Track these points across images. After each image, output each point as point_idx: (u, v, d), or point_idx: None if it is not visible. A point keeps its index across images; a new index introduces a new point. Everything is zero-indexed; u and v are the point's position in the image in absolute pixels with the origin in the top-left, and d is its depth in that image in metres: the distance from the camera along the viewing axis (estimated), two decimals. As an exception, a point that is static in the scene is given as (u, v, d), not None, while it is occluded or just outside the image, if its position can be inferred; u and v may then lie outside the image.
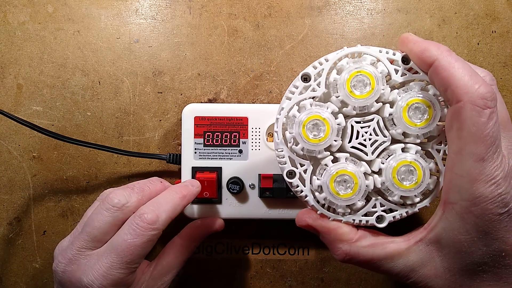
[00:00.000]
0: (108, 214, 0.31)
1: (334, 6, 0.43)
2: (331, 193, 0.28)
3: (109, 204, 0.31)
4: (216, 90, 0.43)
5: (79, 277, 0.30)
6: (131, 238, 0.30)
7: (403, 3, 0.43)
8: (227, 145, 0.40)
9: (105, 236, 0.31)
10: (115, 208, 0.31)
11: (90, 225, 0.31)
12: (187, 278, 0.44)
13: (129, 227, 0.30)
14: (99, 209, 0.32)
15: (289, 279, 0.44)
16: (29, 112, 0.43)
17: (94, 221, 0.31)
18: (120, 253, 0.29)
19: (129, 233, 0.30)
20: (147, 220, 0.30)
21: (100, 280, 0.29)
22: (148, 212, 0.31)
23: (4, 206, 0.43)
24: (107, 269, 0.29)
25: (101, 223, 0.31)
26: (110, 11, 0.43)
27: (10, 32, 0.43)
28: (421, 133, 0.28)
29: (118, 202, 0.31)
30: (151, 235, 0.30)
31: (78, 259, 0.30)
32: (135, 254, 0.30)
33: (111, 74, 0.43)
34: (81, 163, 0.43)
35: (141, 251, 0.30)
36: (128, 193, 0.32)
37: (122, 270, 0.30)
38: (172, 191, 0.34)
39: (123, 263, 0.29)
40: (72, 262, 0.30)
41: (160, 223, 0.31)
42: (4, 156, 0.43)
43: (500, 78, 0.43)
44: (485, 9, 0.43)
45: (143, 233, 0.30)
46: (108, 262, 0.30)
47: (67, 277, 0.30)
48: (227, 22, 0.43)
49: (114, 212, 0.31)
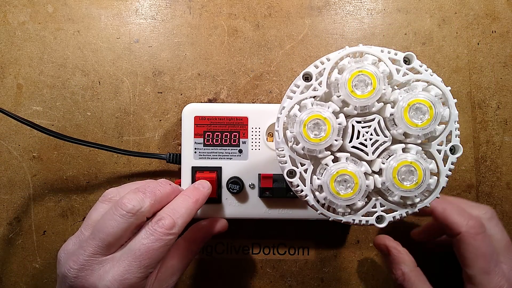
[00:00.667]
0: (122, 220, 0.31)
1: (334, 6, 0.43)
2: (331, 193, 0.28)
3: (123, 210, 0.31)
4: (216, 90, 0.43)
5: (93, 282, 0.30)
6: (149, 243, 0.30)
7: (403, 3, 0.43)
8: (227, 145, 0.40)
9: (118, 241, 0.31)
10: (130, 214, 0.31)
11: (103, 231, 0.31)
12: (187, 278, 0.44)
13: (147, 232, 0.31)
14: (111, 214, 0.31)
15: (289, 279, 0.44)
16: (29, 112, 0.43)
17: (108, 227, 0.31)
18: (138, 257, 0.30)
19: (147, 237, 0.31)
20: (165, 226, 0.31)
21: (116, 285, 0.29)
22: (165, 218, 0.32)
23: (4, 206, 0.43)
24: (123, 273, 0.30)
25: (116, 229, 0.31)
26: (110, 11, 0.43)
27: (10, 32, 0.43)
28: (422, 134, 0.28)
29: (132, 208, 0.31)
30: (168, 240, 0.31)
31: (92, 264, 0.30)
32: (153, 258, 0.31)
33: (111, 74, 0.43)
34: (81, 163, 0.43)
35: (158, 255, 0.31)
36: (141, 197, 0.32)
37: (138, 274, 0.30)
38: (185, 196, 0.35)
39: (141, 267, 0.30)
40: (85, 268, 0.30)
41: (177, 228, 0.32)
42: (4, 156, 0.43)
43: (500, 78, 0.43)
44: (485, 9, 0.43)
45: (161, 237, 0.31)
46: (125, 266, 0.30)
47: (80, 282, 0.30)
48: (227, 22, 0.43)
49: (129, 218, 0.31)
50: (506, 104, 0.43)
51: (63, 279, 0.31)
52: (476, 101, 0.43)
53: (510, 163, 0.43)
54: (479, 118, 0.43)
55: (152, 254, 0.30)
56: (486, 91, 0.43)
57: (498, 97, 0.43)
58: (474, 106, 0.43)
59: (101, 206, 0.34)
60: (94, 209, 0.34)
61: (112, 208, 0.32)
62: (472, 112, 0.43)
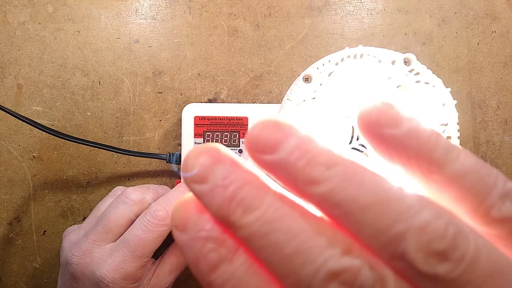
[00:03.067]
0: (124, 207, 0.32)
1: (334, 6, 0.43)
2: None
3: (126, 198, 0.32)
4: (216, 90, 0.43)
5: (92, 270, 0.31)
6: (143, 234, 0.31)
7: (403, 3, 0.43)
8: (227, 145, 0.40)
9: (119, 229, 0.32)
10: (132, 202, 0.32)
11: (106, 217, 0.32)
12: (187, 278, 0.44)
13: (140, 223, 0.32)
14: (115, 203, 0.33)
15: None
16: (29, 112, 0.43)
17: (111, 214, 0.32)
18: (132, 248, 0.31)
19: (141, 228, 0.31)
20: (158, 217, 0.31)
21: (112, 274, 0.30)
22: (159, 209, 0.32)
23: (4, 206, 0.43)
24: (119, 263, 0.31)
25: (118, 215, 0.32)
26: (110, 11, 0.43)
27: (10, 32, 0.43)
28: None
29: (136, 197, 0.32)
30: (161, 231, 0.32)
31: (92, 251, 0.31)
32: (147, 249, 0.31)
33: (111, 74, 0.43)
34: (81, 163, 0.43)
35: (152, 246, 0.31)
36: (145, 190, 0.34)
37: (133, 264, 0.31)
38: (181, 188, 0.35)
39: (135, 257, 0.31)
40: (86, 254, 0.31)
41: (170, 220, 0.32)
42: (4, 156, 0.43)
43: (500, 78, 0.43)
44: (485, 9, 0.43)
45: (154, 229, 0.31)
46: (120, 256, 0.31)
47: (80, 269, 0.31)
48: (227, 22, 0.43)
49: (131, 206, 0.32)
50: (506, 104, 0.43)
51: (66, 267, 0.32)
52: (476, 101, 0.43)
53: (510, 163, 0.43)
54: (479, 118, 0.43)
55: (146, 245, 0.31)
56: (486, 91, 0.43)
57: (498, 97, 0.43)
58: (474, 106, 0.43)
59: (109, 199, 0.35)
60: (102, 201, 0.36)
61: (116, 198, 0.33)
62: (472, 112, 0.43)
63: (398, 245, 0.11)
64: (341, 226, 0.12)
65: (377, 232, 0.11)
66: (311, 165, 0.12)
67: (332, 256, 0.11)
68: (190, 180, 0.13)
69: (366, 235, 0.11)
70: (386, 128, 0.13)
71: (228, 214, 0.12)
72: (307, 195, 0.13)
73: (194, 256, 0.13)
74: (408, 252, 0.11)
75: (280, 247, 0.11)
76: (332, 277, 0.11)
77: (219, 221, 0.13)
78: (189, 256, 0.13)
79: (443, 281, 0.10)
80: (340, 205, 0.12)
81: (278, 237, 0.12)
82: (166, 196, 0.34)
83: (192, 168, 0.13)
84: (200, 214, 0.13)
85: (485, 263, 0.11)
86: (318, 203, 0.12)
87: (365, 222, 0.11)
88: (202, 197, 0.13)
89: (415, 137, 0.13)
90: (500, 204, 0.12)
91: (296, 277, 0.11)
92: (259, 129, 0.13)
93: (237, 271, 0.12)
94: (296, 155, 0.12)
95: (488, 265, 0.11)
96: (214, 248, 0.13)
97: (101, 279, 0.30)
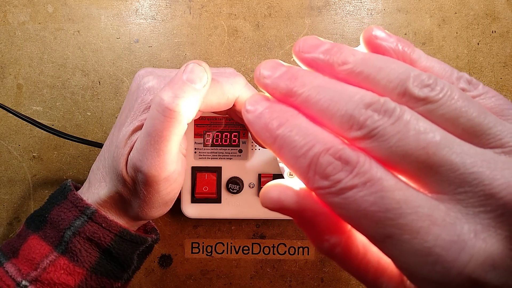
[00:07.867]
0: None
1: (334, 6, 0.43)
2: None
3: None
4: (216, 90, 0.43)
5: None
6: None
7: (403, 3, 0.43)
8: (227, 145, 0.40)
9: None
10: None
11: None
12: (187, 278, 0.44)
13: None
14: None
15: (289, 279, 0.44)
16: (29, 112, 0.43)
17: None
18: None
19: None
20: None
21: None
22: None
23: (4, 206, 0.43)
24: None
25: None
26: (110, 11, 0.43)
27: (10, 32, 0.43)
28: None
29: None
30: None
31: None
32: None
33: (111, 74, 0.43)
34: (81, 163, 0.43)
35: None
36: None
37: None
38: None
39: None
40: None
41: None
42: (4, 156, 0.43)
43: (500, 78, 0.43)
44: (485, 9, 0.43)
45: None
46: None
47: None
48: (227, 22, 0.43)
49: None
50: (506, 104, 0.43)
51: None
52: (476, 101, 0.43)
53: (510, 163, 0.43)
54: (479, 118, 0.43)
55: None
56: (486, 91, 0.43)
57: (498, 97, 0.43)
58: (474, 106, 0.43)
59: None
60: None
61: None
62: (472, 112, 0.43)
63: (402, 85, 0.18)
64: (364, 86, 0.19)
65: (388, 81, 0.18)
66: (341, 52, 0.20)
67: (367, 95, 0.18)
68: (263, 76, 0.23)
69: (382, 85, 0.19)
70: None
71: (292, 87, 0.21)
72: (339, 72, 0.20)
73: (267, 118, 0.20)
74: (409, 88, 0.18)
75: (330, 96, 0.19)
76: (368, 106, 0.18)
77: (284, 98, 0.21)
78: (262, 119, 0.20)
79: (432, 101, 0.17)
80: (363, 73, 0.19)
81: (326, 94, 0.19)
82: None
83: (265, 69, 0.23)
84: (267, 98, 0.22)
85: (459, 95, 0.18)
86: (348, 75, 0.20)
87: (381, 77, 0.19)
88: (270, 84, 0.22)
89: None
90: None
91: (343, 111, 0.18)
92: (303, 39, 0.23)
93: (301, 122, 0.19)
94: (334, 50, 0.21)
95: (462, 96, 0.18)
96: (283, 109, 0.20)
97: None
